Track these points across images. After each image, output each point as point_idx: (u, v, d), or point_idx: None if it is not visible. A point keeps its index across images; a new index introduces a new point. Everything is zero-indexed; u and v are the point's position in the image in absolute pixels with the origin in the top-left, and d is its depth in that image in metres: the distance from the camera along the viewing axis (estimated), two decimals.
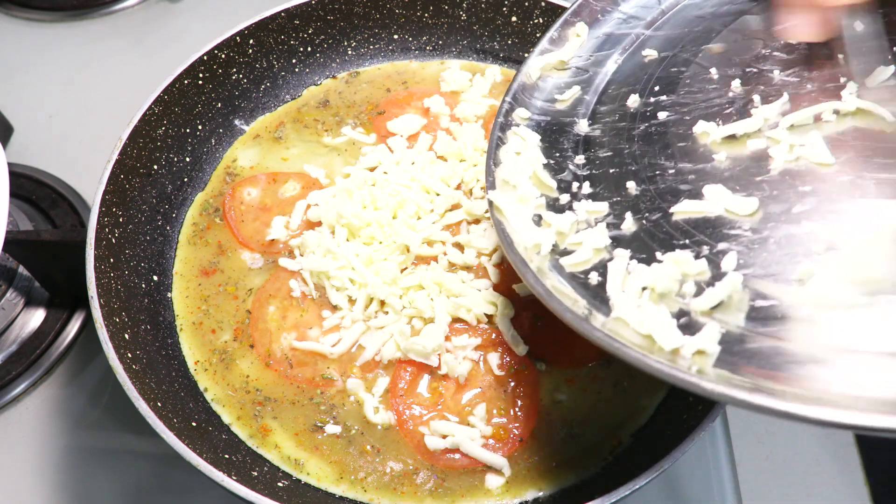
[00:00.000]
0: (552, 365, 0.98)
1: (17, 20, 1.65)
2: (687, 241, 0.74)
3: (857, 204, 0.69)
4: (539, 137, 0.92)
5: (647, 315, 0.68)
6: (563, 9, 1.20)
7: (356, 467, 0.92)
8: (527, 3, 1.24)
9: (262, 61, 1.25)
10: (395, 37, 1.33)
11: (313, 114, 1.26)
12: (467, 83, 1.27)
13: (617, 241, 0.78)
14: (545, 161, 0.89)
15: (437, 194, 1.09)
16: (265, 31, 1.23)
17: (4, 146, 1.38)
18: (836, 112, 0.76)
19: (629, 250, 0.75)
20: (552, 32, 1.00)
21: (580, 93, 0.96)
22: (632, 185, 0.83)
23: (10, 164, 1.01)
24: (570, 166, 0.89)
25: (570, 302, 0.72)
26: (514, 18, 1.27)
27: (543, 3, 1.22)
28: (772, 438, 1.20)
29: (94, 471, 1.06)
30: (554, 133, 0.93)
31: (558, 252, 0.80)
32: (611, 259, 0.76)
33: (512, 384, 0.96)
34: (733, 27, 0.91)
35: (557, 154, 0.91)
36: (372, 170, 1.14)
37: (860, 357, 0.59)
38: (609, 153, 0.88)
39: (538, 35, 1.26)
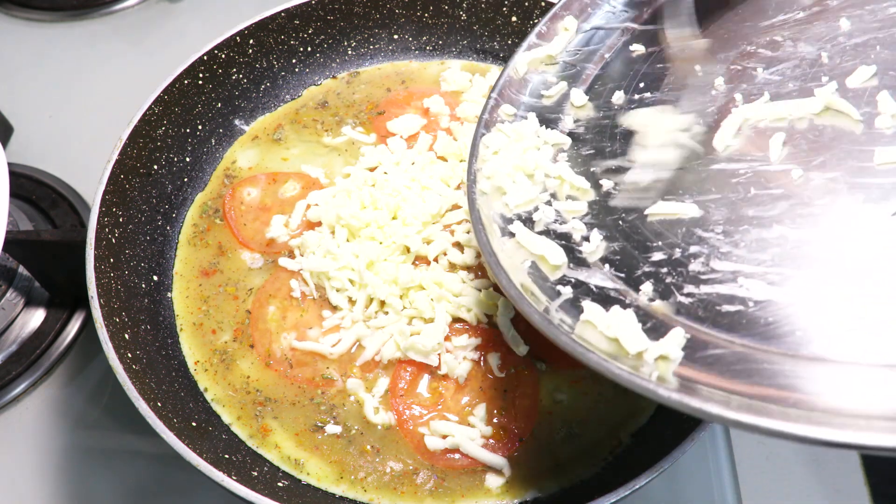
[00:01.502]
0: (552, 365, 0.98)
1: (17, 20, 1.65)
2: (660, 244, 0.74)
3: (829, 208, 0.68)
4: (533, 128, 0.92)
5: (614, 319, 0.68)
6: None
7: (356, 467, 0.92)
8: (527, 3, 1.24)
9: (262, 61, 1.25)
10: (395, 37, 1.33)
11: (312, 114, 1.26)
12: (467, 83, 1.27)
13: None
14: (528, 160, 0.88)
15: (438, 195, 1.09)
16: (265, 31, 1.23)
17: (4, 146, 1.38)
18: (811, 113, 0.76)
19: (606, 264, 0.76)
20: (541, 27, 1.00)
21: (567, 88, 0.96)
22: (610, 185, 0.83)
23: (10, 164, 1.01)
24: (553, 164, 0.88)
25: (539, 305, 0.72)
26: (514, 18, 1.27)
27: (543, 3, 1.22)
28: (772, 438, 1.20)
29: (94, 471, 1.06)
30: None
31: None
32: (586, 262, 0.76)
33: (512, 384, 0.96)
34: (719, 23, 0.91)
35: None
36: (372, 170, 1.14)
37: (831, 367, 0.58)
38: (591, 151, 0.88)
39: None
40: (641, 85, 0.91)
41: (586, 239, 0.79)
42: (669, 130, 0.84)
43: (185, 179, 1.18)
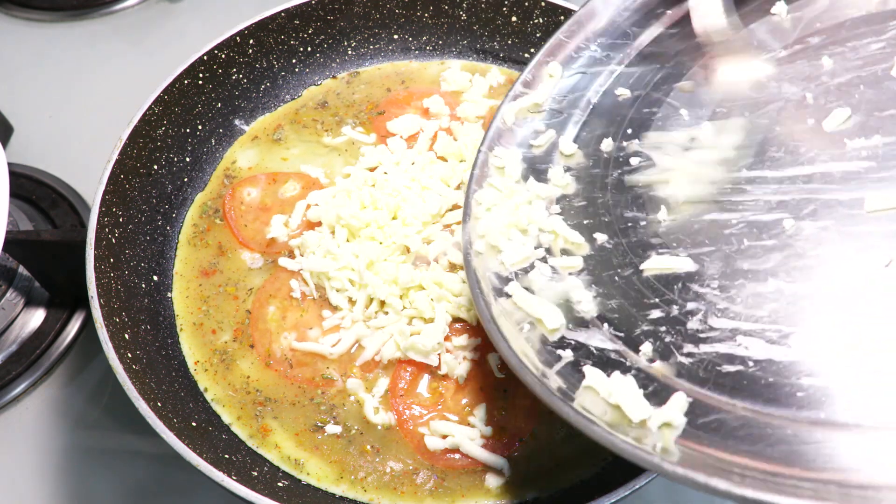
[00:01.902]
0: None
1: (17, 20, 1.65)
2: (657, 300, 0.73)
3: (822, 259, 0.67)
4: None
5: (615, 385, 0.67)
6: (563, 8, 1.21)
7: (356, 467, 0.92)
8: (527, 3, 1.24)
9: (262, 61, 1.25)
10: (395, 37, 1.33)
11: (312, 114, 1.26)
12: (467, 83, 1.27)
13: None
14: (521, 215, 0.88)
15: (438, 195, 1.09)
16: (265, 31, 1.23)
17: (4, 146, 1.38)
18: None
19: (604, 322, 0.74)
20: (525, 74, 0.99)
21: (555, 136, 0.95)
22: (604, 238, 0.82)
23: (10, 164, 1.01)
24: (546, 217, 0.87)
25: (538, 371, 0.71)
26: (514, 18, 1.27)
27: (543, 3, 1.22)
28: None
29: (94, 471, 1.06)
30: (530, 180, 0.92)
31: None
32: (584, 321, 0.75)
33: (512, 384, 0.96)
34: (702, 63, 0.90)
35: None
36: (372, 170, 1.14)
37: (833, 431, 0.56)
38: (583, 202, 0.87)
39: (538, 35, 1.27)
40: (629, 131, 0.90)
41: (583, 297, 0.78)
42: (658, 180, 0.83)
43: (185, 179, 1.18)
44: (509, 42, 1.30)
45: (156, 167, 1.13)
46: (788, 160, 0.75)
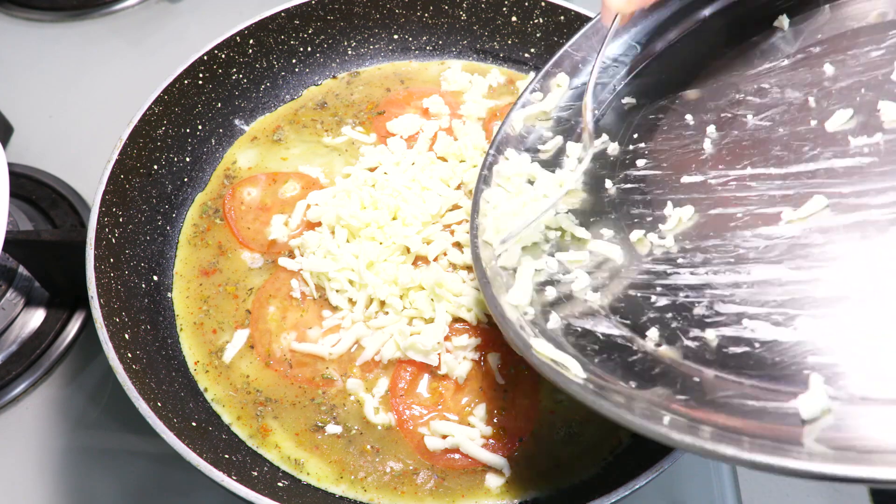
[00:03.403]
0: None
1: (17, 20, 1.65)
2: (663, 289, 0.75)
3: (826, 247, 0.68)
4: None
5: None
6: (563, 8, 1.21)
7: (356, 467, 0.92)
8: (527, 3, 1.24)
9: (262, 61, 1.25)
10: (395, 37, 1.33)
11: (312, 114, 1.26)
12: (467, 83, 1.27)
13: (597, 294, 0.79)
14: (528, 211, 0.90)
15: (438, 195, 1.09)
16: (265, 31, 1.23)
17: (4, 146, 1.38)
18: None
19: (611, 311, 0.77)
20: (534, 84, 1.03)
21: (562, 142, 0.98)
22: (610, 234, 0.85)
23: (10, 164, 1.01)
24: (552, 214, 0.89)
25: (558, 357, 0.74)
26: (514, 18, 1.27)
27: (543, 3, 1.22)
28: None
29: (94, 471, 1.06)
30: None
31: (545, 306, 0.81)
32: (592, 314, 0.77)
33: (512, 384, 0.96)
34: (707, 72, 0.93)
35: None
36: (372, 170, 1.14)
37: (839, 404, 0.58)
38: (590, 201, 0.90)
39: (538, 35, 1.27)
40: (636, 136, 0.93)
41: (592, 290, 0.80)
42: (664, 179, 0.85)
43: (185, 179, 1.18)
44: (509, 42, 1.30)
45: (156, 167, 1.13)
46: (792, 158, 0.77)
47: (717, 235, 0.76)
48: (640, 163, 0.89)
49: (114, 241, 1.01)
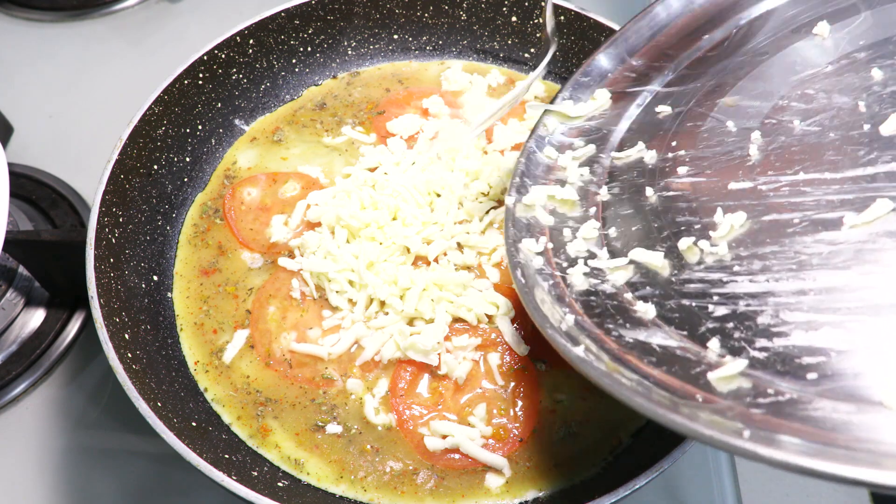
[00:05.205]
0: (552, 365, 0.98)
1: (17, 20, 1.65)
2: (721, 298, 0.71)
3: (893, 252, 0.65)
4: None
5: None
6: (563, 8, 1.21)
7: (356, 467, 0.92)
8: (527, 3, 1.24)
9: (262, 61, 1.25)
10: (395, 37, 1.33)
11: (312, 114, 1.26)
12: (468, 83, 1.27)
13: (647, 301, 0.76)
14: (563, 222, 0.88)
15: (437, 195, 1.09)
16: (265, 31, 1.23)
17: (4, 146, 1.38)
18: None
19: (665, 322, 0.73)
20: (563, 93, 1.01)
21: (594, 151, 0.95)
22: (654, 244, 0.80)
23: (10, 164, 1.01)
24: (590, 227, 0.87)
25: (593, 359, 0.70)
26: (514, 18, 1.27)
27: (543, 3, 1.22)
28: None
29: (94, 471, 1.06)
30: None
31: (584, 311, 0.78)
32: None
33: (512, 384, 0.96)
34: (745, 81, 0.90)
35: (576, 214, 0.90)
36: (372, 170, 1.14)
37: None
38: (629, 210, 0.86)
39: (538, 35, 1.27)
40: (674, 143, 0.89)
41: (642, 301, 0.75)
42: (711, 186, 0.82)
43: (185, 179, 1.18)
44: (509, 42, 1.30)
45: (156, 167, 1.13)
46: (847, 163, 0.74)
47: (774, 242, 0.72)
48: (682, 170, 0.85)
49: (114, 241, 1.01)
